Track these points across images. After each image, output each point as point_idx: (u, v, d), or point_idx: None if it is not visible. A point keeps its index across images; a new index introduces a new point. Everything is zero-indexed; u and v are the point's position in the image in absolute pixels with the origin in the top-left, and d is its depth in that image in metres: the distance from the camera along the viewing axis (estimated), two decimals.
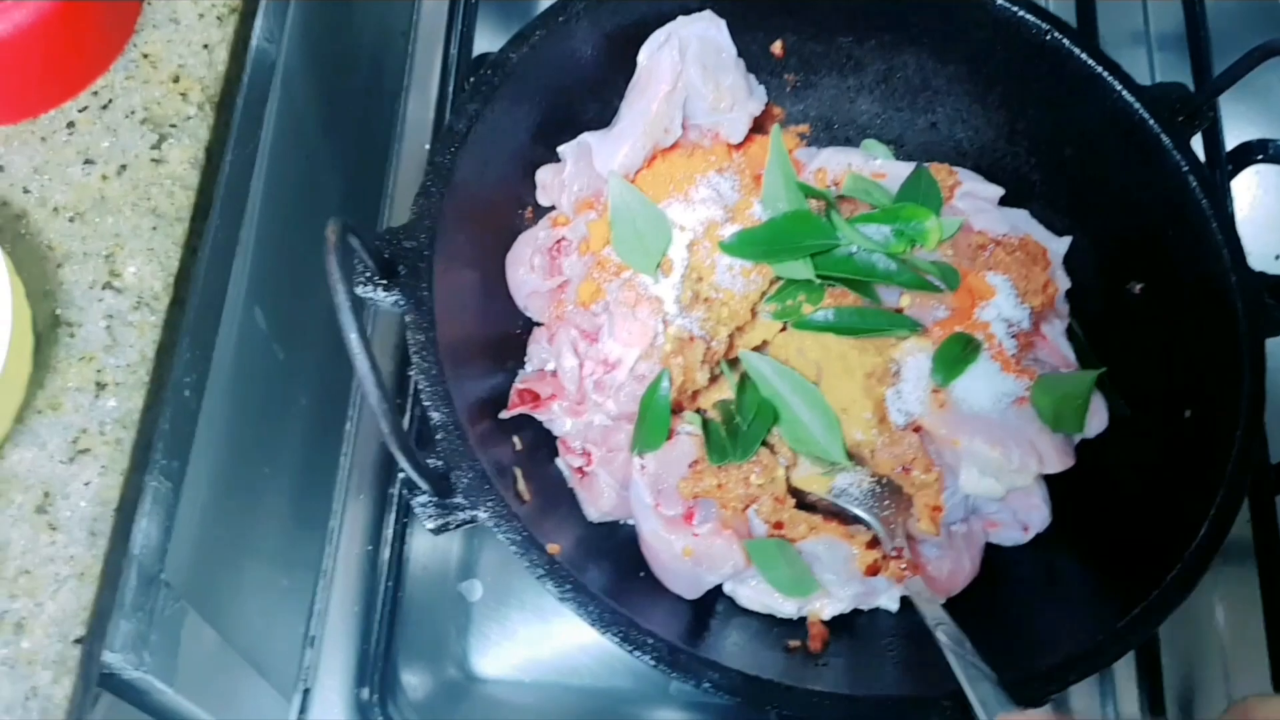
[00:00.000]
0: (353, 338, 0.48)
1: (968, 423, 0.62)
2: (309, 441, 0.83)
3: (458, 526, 0.56)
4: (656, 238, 0.67)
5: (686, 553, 0.62)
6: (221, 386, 0.67)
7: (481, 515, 0.56)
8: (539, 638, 0.78)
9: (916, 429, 0.64)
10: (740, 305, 0.64)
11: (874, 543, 0.63)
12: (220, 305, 0.67)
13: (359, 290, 0.59)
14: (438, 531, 0.56)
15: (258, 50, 0.70)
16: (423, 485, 0.55)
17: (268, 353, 0.76)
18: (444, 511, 0.56)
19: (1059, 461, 0.63)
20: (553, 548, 0.56)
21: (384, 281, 0.60)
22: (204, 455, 0.65)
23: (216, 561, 0.70)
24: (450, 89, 0.81)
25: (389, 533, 0.74)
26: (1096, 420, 0.66)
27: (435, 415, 0.57)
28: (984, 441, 0.62)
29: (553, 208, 0.72)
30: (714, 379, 0.67)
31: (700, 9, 0.71)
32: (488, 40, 0.86)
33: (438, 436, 0.57)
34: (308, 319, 0.81)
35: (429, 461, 0.56)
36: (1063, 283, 0.71)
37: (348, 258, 0.50)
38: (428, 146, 0.85)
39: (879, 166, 0.72)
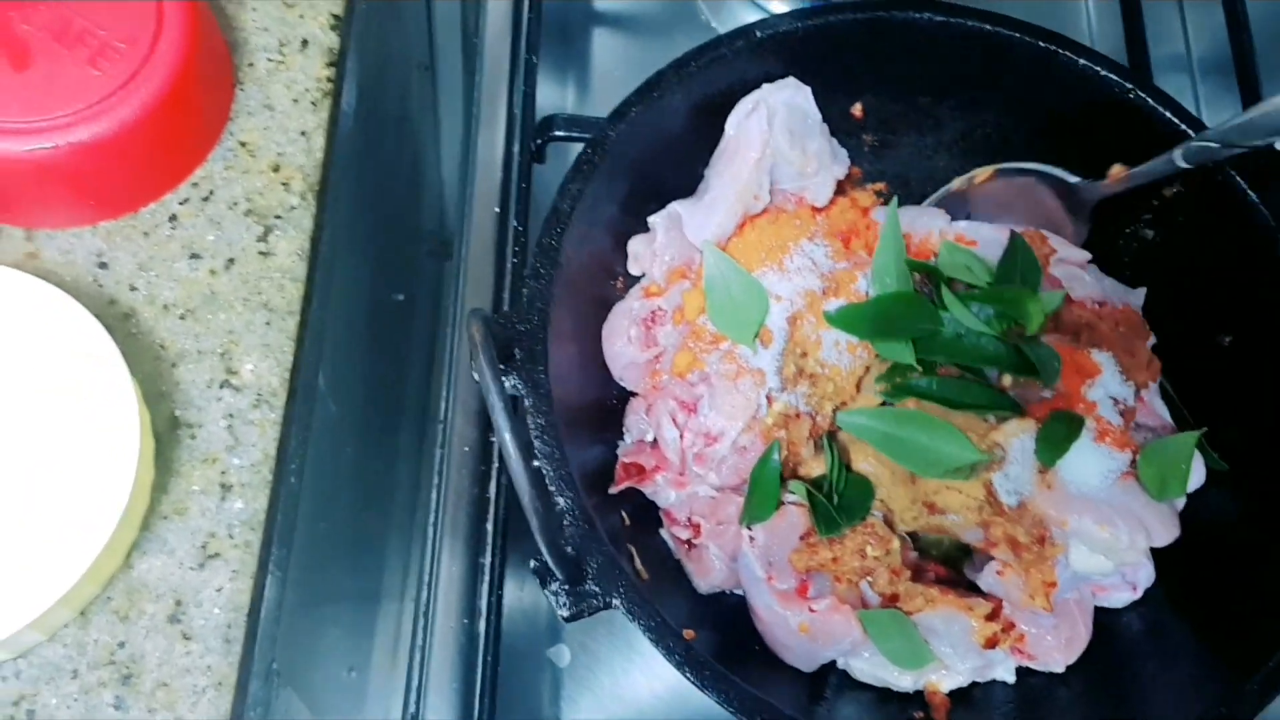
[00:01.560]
0: (507, 438, 0.48)
1: (1075, 503, 0.62)
2: (369, 495, 0.82)
3: (591, 614, 0.56)
4: (753, 308, 0.67)
5: (803, 629, 0.62)
6: None
7: (615, 603, 0.55)
8: (629, 700, 0.78)
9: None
10: (846, 381, 0.64)
11: (993, 615, 0.63)
12: (315, 384, 0.67)
13: (475, 377, 0.59)
14: (571, 619, 0.56)
15: (341, 123, 0.70)
16: (559, 575, 0.54)
17: (325, 409, 0.75)
18: (577, 599, 0.56)
19: (1166, 535, 0.63)
20: (688, 633, 0.56)
21: (501, 366, 0.59)
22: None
23: (306, 641, 0.69)
24: (515, 149, 0.80)
25: (482, 604, 0.73)
26: (1195, 477, 0.66)
27: (561, 500, 0.57)
28: (1093, 521, 0.61)
29: (642, 276, 0.72)
30: (816, 450, 0.66)
31: (784, 75, 0.71)
32: (543, 96, 0.86)
33: (565, 522, 0.57)
34: (350, 370, 0.80)
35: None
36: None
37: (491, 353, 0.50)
38: (497, 209, 0.85)
39: (964, 229, 0.72)
